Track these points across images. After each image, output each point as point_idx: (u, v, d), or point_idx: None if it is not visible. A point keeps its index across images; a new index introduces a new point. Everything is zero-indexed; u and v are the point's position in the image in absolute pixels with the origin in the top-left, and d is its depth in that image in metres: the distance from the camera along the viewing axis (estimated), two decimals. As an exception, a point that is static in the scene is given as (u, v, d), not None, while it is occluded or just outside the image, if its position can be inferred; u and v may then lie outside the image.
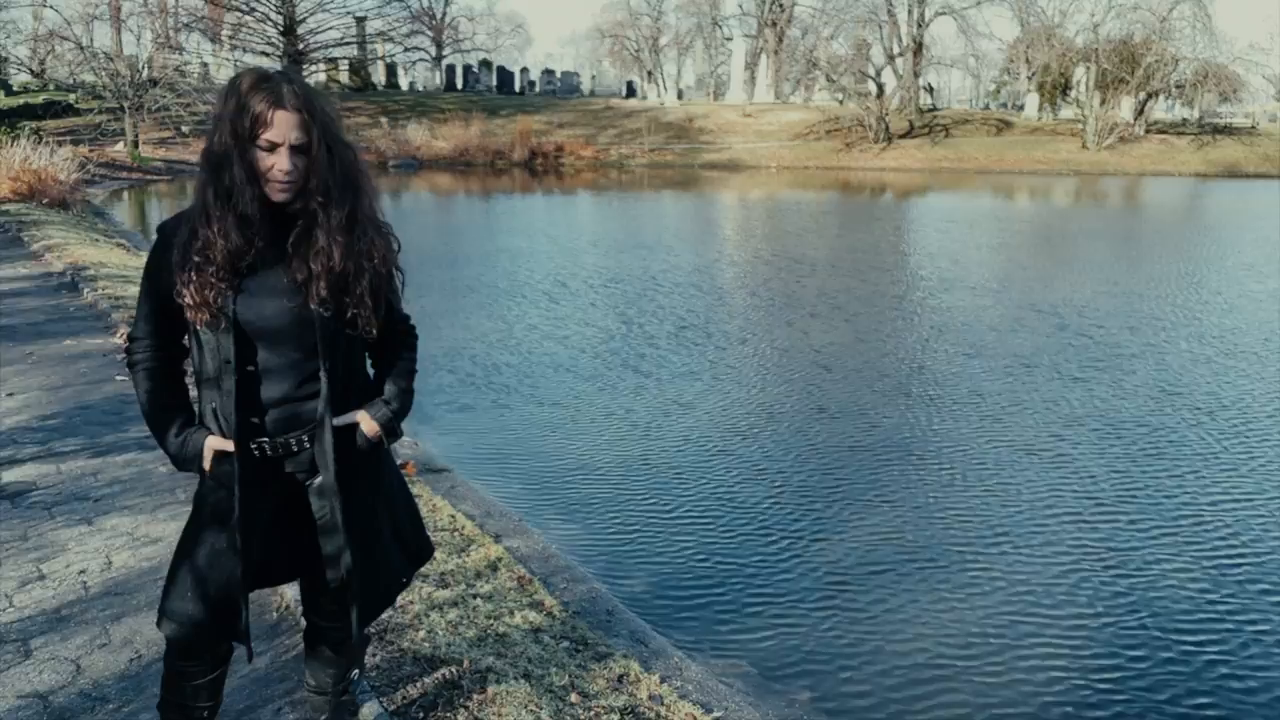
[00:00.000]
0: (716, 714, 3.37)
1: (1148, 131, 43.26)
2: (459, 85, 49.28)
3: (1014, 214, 25.47)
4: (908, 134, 42.17)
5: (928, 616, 4.24)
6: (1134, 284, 13.26)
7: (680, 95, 51.16)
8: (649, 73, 55.58)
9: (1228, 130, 44.05)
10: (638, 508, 5.38)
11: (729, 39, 55.87)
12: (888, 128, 40.84)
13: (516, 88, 49.48)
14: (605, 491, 5.62)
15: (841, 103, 44.21)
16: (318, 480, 2.22)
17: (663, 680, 3.51)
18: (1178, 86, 45.86)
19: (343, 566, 2.24)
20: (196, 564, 2.20)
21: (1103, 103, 41.75)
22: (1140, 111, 43.69)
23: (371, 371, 2.37)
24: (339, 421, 2.20)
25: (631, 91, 52.74)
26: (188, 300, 2.03)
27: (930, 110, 47.54)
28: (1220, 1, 73.72)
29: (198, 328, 2.07)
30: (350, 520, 2.23)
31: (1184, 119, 46.15)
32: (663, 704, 3.30)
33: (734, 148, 40.21)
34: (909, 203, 27.89)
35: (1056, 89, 47.19)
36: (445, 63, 52.04)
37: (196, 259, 2.01)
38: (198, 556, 2.20)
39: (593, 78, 55.24)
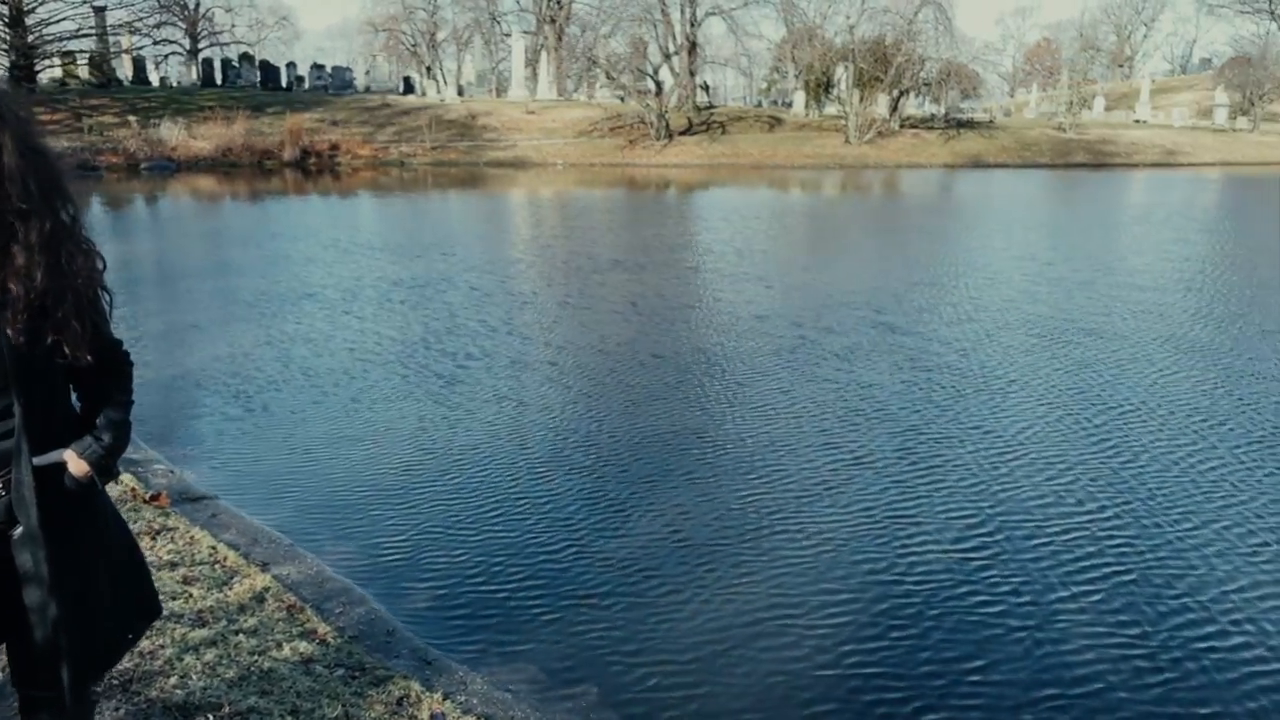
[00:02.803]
0: (501, 726, 3.30)
1: (902, 126, 46.76)
2: (218, 81, 46.09)
3: (799, 207, 26.79)
4: (687, 131, 43.44)
5: (716, 607, 4.32)
6: (938, 276, 13.70)
7: (461, 92, 50.22)
8: (428, 68, 54.27)
9: (970, 124, 48.37)
10: (421, 522, 5.18)
11: (508, 35, 55.49)
12: (668, 125, 41.90)
13: (284, 83, 46.80)
14: (387, 508, 5.37)
15: (623, 100, 44.94)
16: (19, 530, 1.96)
17: (446, 697, 3.40)
18: (925, 84, 49.87)
19: (50, 624, 1.99)
20: None
21: (861, 100, 44.73)
22: (894, 108, 47.13)
23: (79, 406, 2.13)
24: (40, 461, 1.95)
25: (410, 88, 51.27)
26: None
27: (708, 108, 49.20)
28: (959, 5, 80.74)
29: None
30: (60, 573, 1.98)
31: (932, 114, 50.16)
32: (444, 723, 3.20)
33: (519, 145, 39.97)
34: (696, 198, 28.73)
35: (820, 87, 50.08)
36: (201, 56, 48.57)
37: None
38: None
39: (367, 73, 53.21)
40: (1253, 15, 80.00)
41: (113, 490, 4.93)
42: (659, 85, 43.76)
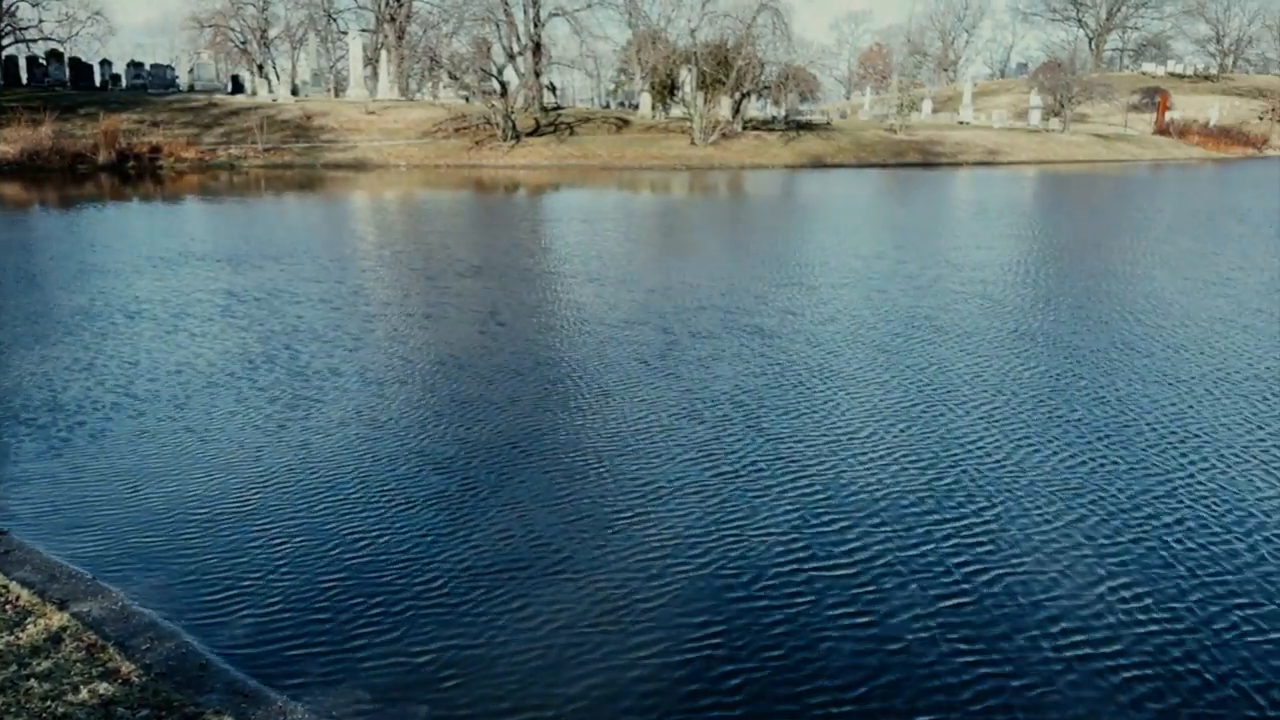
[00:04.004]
0: (322, 756, 3.16)
1: (745, 128, 48.01)
2: (23, 80, 42.70)
3: (653, 209, 26.92)
4: (535, 132, 43.23)
5: (557, 620, 4.28)
6: (799, 277, 13.80)
7: (296, 91, 48.23)
8: (259, 66, 51.87)
9: (809, 126, 50.20)
10: (246, 552, 4.92)
11: (345, 33, 53.75)
12: (515, 126, 41.56)
13: (97, 82, 43.81)
14: (209, 539, 5.08)
15: (468, 100, 44.29)
16: None
17: (262, 731, 3.24)
18: (766, 87, 51.35)
19: None
20: None
21: (705, 102, 45.68)
22: (737, 110, 48.35)
23: None
24: None
25: (239, 87, 48.87)
26: None
27: (555, 109, 49.13)
28: (796, 10, 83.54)
29: None
30: None
31: (773, 116, 51.74)
32: (258, 758, 3.03)
33: (359, 146, 38.79)
34: (548, 200, 28.55)
35: (665, 89, 50.83)
36: (4, 54, 44.83)
37: None
38: None
39: (191, 71, 50.28)
40: (1063, 23, 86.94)
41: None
42: (504, 86, 43.38)
